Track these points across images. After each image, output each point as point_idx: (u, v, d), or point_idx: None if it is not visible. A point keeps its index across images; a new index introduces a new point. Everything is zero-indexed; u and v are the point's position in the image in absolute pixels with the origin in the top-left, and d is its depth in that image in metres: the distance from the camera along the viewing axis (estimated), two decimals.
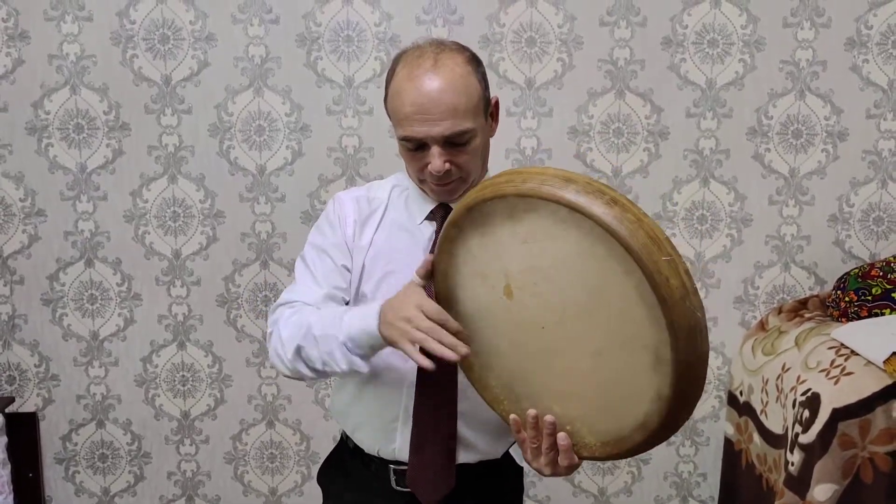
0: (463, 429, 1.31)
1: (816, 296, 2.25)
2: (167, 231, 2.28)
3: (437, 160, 1.18)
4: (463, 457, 1.33)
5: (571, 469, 1.12)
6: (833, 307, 2.12)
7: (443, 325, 1.07)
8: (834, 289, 2.13)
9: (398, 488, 1.35)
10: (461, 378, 1.26)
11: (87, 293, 2.30)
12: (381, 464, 1.35)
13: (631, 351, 0.98)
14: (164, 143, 2.23)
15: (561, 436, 1.09)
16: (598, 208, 0.93)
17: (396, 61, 1.23)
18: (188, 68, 2.19)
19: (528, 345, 1.09)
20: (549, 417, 1.09)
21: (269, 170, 2.25)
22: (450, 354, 1.06)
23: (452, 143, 1.18)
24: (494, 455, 1.37)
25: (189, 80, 2.20)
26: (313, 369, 1.22)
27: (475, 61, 1.23)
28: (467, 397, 1.28)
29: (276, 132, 2.23)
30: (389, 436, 1.32)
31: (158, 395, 2.37)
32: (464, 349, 1.06)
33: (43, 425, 2.37)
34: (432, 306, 1.08)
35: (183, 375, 2.36)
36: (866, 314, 2.02)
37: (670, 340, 0.93)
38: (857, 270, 2.10)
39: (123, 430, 2.39)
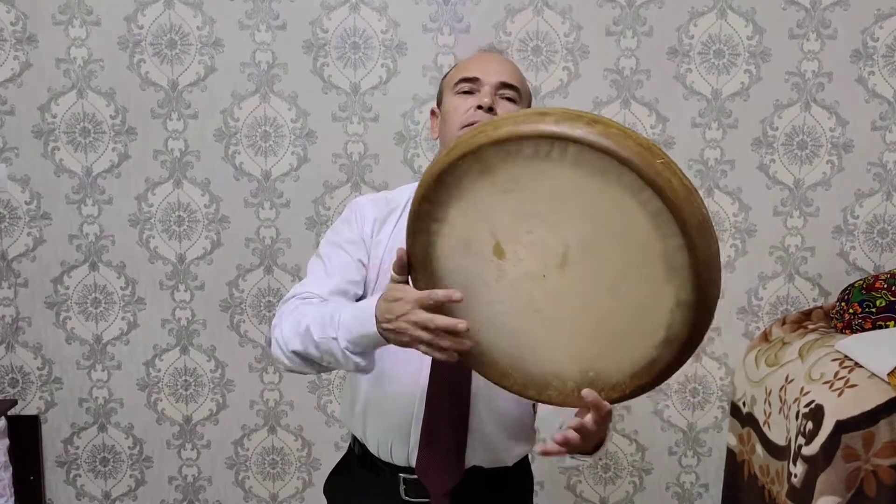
0: (477, 430, 1.31)
1: (820, 307, 2.25)
2: (172, 235, 2.28)
3: (487, 94, 1.27)
4: (473, 458, 1.32)
5: (608, 419, 1.08)
6: (837, 319, 2.11)
7: (440, 306, 1.03)
8: (838, 300, 2.13)
9: (407, 498, 1.34)
10: (476, 382, 1.25)
11: (90, 296, 2.31)
12: (390, 472, 1.35)
13: (644, 269, 0.95)
14: (170, 147, 2.23)
15: (585, 392, 1.03)
16: (581, 130, 0.90)
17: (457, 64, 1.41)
18: (195, 73, 2.20)
19: (530, 301, 1.03)
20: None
21: (274, 175, 2.25)
22: (461, 344, 1.03)
23: (502, 94, 1.28)
24: (505, 462, 1.36)
25: (195, 86, 2.20)
26: (317, 368, 1.22)
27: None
28: (483, 401, 1.28)
29: (281, 138, 2.23)
30: (404, 436, 1.31)
31: (160, 400, 2.37)
32: (462, 325, 1.02)
33: (45, 428, 2.37)
34: (424, 295, 1.03)
35: (185, 380, 2.36)
36: (870, 326, 2.02)
37: (685, 241, 0.90)
38: (861, 282, 2.09)
39: (125, 433, 2.39)
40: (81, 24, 2.17)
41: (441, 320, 1.02)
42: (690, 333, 0.97)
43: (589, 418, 1.05)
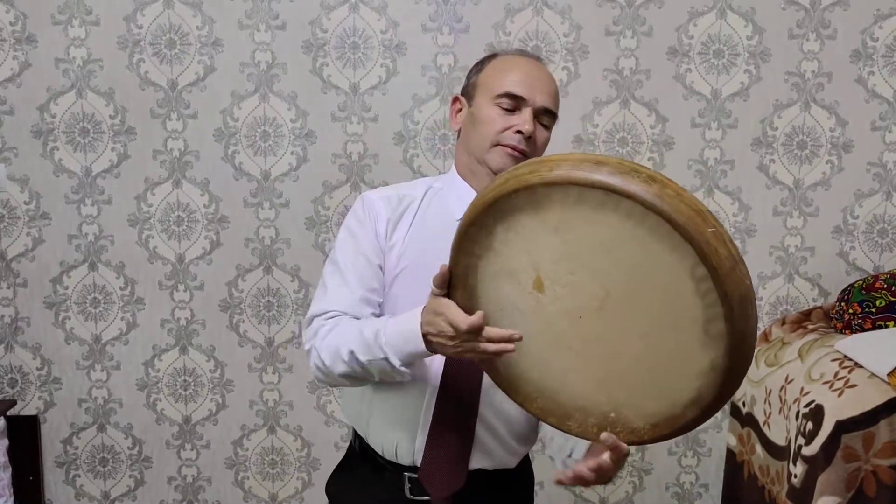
0: (482, 434, 1.30)
1: (820, 307, 2.25)
2: (171, 235, 2.28)
3: (529, 121, 1.26)
4: (478, 462, 1.32)
5: (624, 460, 1.10)
6: (837, 319, 2.11)
7: (480, 332, 1.06)
8: (838, 300, 2.13)
9: (412, 497, 1.33)
10: (484, 381, 1.25)
11: (90, 297, 2.30)
12: (394, 471, 1.34)
13: (679, 328, 0.96)
14: (170, 147, 2.23)
15: (604, 436, 1.06)
16: (636, 187, 0.90)
17: (495, 54, 1.37)
18: (194, 73, 2.19)
19: (563, 337, 1.05)
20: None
21: (273, 175, 2.25)
22: (507, 348, 1.06)
23: (540, 119, 1.28)
24: (509, 464, 1.36)
25: (195, 86, 2.20)
26: (360, 382, 1.28)
27: None
28: (488, 403, 1.28)
29: (281, 138, 2.23)
30: (411, 435, 1.31)
31: (160, 400, 2.37)
32: (515, 335, 1.05)
33: (44, 428, 2.37)
34: (464, 320, 1.06)
35: (185, 380, 2.36)
36: (870, 326, 2.02)
37: (724, 311, 0.91)
38: (861, 282, 2.09)
39: (124, 434, 2.39)
40: (81, 24, 2.17)
41: (492, 348, 1.06)
42: (716, 397, 0.99)
43: (606, 457, 1.08)
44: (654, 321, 0.98)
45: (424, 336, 1.12)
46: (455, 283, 1.11)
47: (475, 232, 1.05)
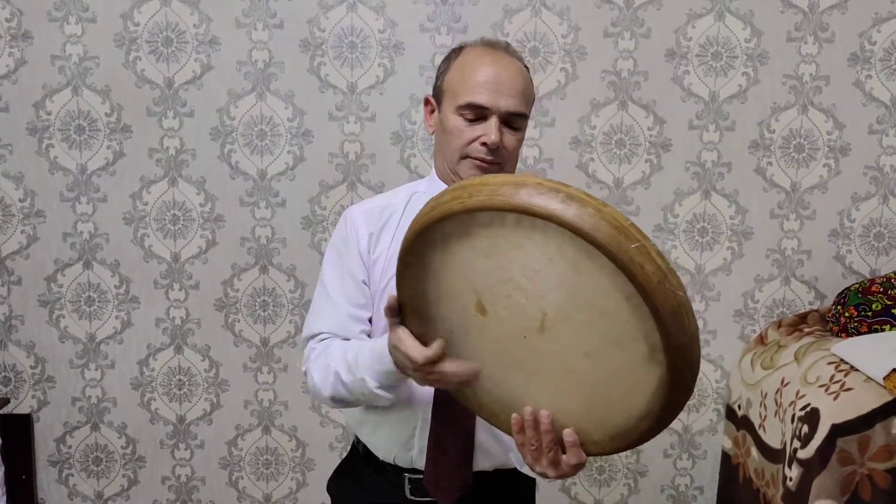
0: (480, 435, 1.30)
1: (816, 310, 2.25)
2: (166, 234, 2.27)
3: (494, 132, 1.21)
4: (479, 463, 1.32)
5: (579, 468, 1.09)
6: (833, 322, 2.11)
7: (433, 363, 1.08)
8: (834, 304, 2.13)
9: (413, 498, 1.34)
10: None
11: (84, 295, 2.29)
12: (395, 472, 1.34)
13: (621, 345, 0.95)
14: (166, 145, 2.22)
15: (567, 432, 1.06)
16: (555, 207, 0.89)
17: (461, 46, 1.30)
18: (191, 71, 2.19)
19: (513, 357, 1.06)
20: (544, 412, 1.06)
21: (270, 174, 2.24)
22: (468, 379, 1.09)
23: (508, 124, 1.23)
24: (509, 463, 1.36)
25: (192, 84, 2.19)
26: (353, 405, 1.30)
27: (528, 70, 1.31)
28: None
29: (277, 137, 2.23)
30: (407, 443, 1.31)
31: (154, 399, 2.36)
32: (475, 368, 1.08)
33: (37, 427, 2.36)
34: (420, 353, 1.08)
35: (179, 379, 2.35)
36: (866, 330, 2.02)
37: (657, 326, 0.90)
38: (857, 286, 2.09)
39: (118, 433, 2.38)
40: (77, 21, 2.16)
41: (458, 379, 1.09)
42: (667, 408, 0.98)
43: (566, 457, 1.07)
44: (595, 339, 0.98)
45: (397, 364, 1.14)
46: (406, 309, 1.12)
47: (413, 260, 1.06)
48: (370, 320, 1.33)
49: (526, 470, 1.18)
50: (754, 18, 2.18)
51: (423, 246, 1.03)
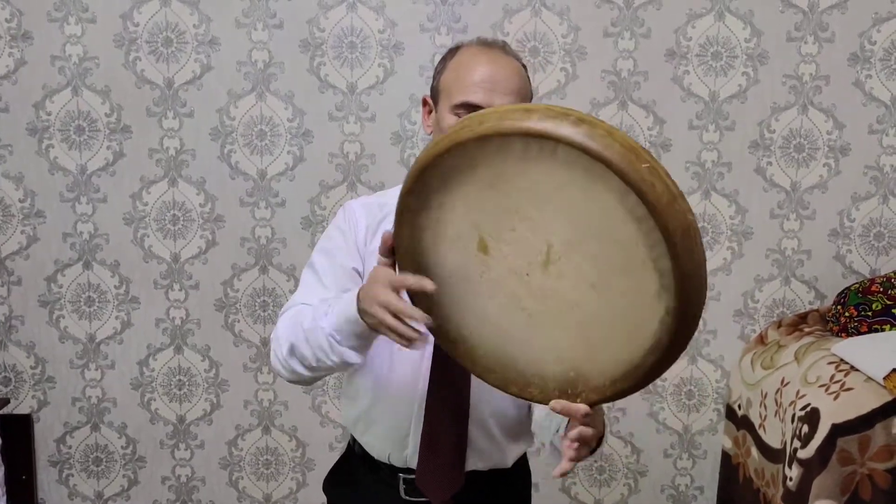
0: (474, 435, 1.30)
1: (816, 310, 2.25)
2: (166, 234, 2.27)
3: None
4: (473, 463, 1.32)
5: (588, 418, 1.04)
6: (833, 322, 2.11)
7: (413, 289, 1.04)
8: (834, 304, 2.13)
9: (407, 497, 1.34)
10: (473, 382, 1.25)
11: (84, 295, 2.29)
12: (390, 471, 1.35)
13: (628, 272, 0.93)
14: (165, 146, 2.22)
15: (552, 403, 1.02)
16: (566, 129, 0.88)
17: (457, 46, 1.29)
18: (191, 72, 2.19)
19: (514, 299, 1.02)
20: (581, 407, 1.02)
21: (269, 175, 2.24)
22: (419, 321, 1.03)
23: None
24: (504, 464, 1.36)
25: (191, 84, 2.19)
26: (309, 367, 1.20)
27: (526, 69, 1.30)
28: (480, 404, 1.28)
29: (277, 137, 2.22)
30: (401, 442, 1.31)
31: (154, 399, 2.36)
32: (419, 316, 1.02)
33: (37, 427, 2.36)
34: (397, 279, 1.05)
35: (179, 379, 2.35)
36: (866, 330, 2.02)
37: (667, 248, 0.88)
38: (857, 286, 2.09)
39: (118, 433, 2.38)
40: (77, 22, 2.16)
41: (403, 306, 1.02)
42: (673, 340, 0.96)
43: (579, 426, 1.04)
44: (601, 268, 0.95)
45: (359, 301, 1.08)
46: (402, 257, 1.08)
47: (414, 201, 1.03)
48: None
49: (560, 467, 1.12)
50: (754, 18, 2.18)
51: (425, 184, 1.01)
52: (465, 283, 1.05)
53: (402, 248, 1.08)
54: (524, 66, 1.29)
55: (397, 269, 1.09)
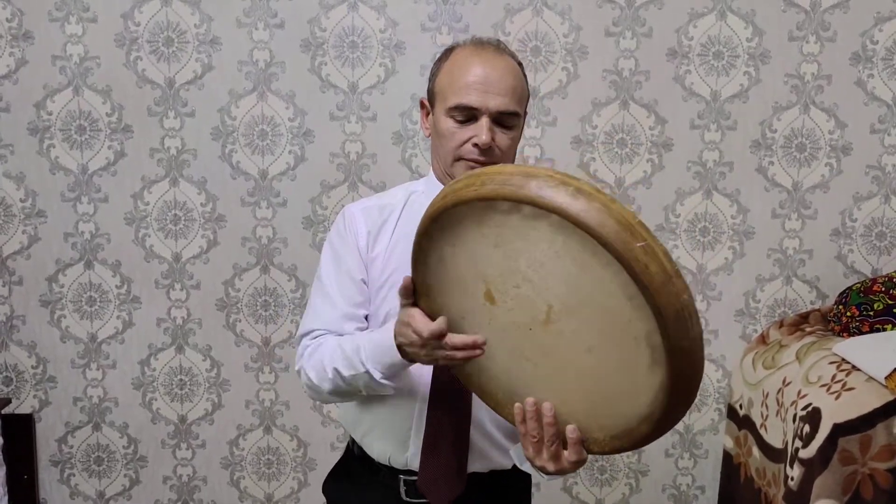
0: (475, 437, 1.30)
1: (818, 310, 2.24)
2: (168, 234, 2.27)
3: (485, 132, 1.20)
4: (474, 466, 1.32)
5: (578, 465, 1.09)
6: (834, 322, 2.11)
7: (443, 338, 1.08)
8: (835, 303, 2.13)
9: (407, 499, 1.34)
10: None
11: (85, 295, 2.29)
12: (390, 473, 1.34)
13: (623, 344, 0.94)
14: (167, 145, 2.22)
15: (570, 428, 1.05)
16: (562, 200, 0.89)
17: (451, 48, 1.30)
18: (192, 71, 2.18)
19: (519, 347, 1.06)
20: (547, 404, 1.06)
21: (271, 174, 2.24)
22: (474, 353, 1.08)
23: (500, 123, 1.22)
24: (504, 466, 1.36)
25: (192, 84, 2.19)
26: (356, 396, 1.30)
27: (523, 68, 1.30)
28: (481, 406, 1.28)
29: (278, 137, 2.22)
30: (402, 444, 1.31)
31: (155, 399, 2.36)
32: (479, 340, 1.07)
33: (39, 427, 2.36)
34: (426, 327, 1.09)
35: (181, 379, 2.35)
36: (868, 329, 2.02)
37: (659, 328, 0.89)
38: (859, 285, 2.09)
39: (120, 433, 2.38)
40: (78, 21, 2.15)
41: (458, 340, 1.08)
42: (666, 414, 0.97)
43: (567, 453, 1.08)
44: (597, 335, 0.97)
45: (399, 347, 1.14)
46: (419, 292, 1.13)
47: (427, 243, 1.06)
48: (366, 318, 1.33)
49: (527, 466, 1.17)
50: (756, 18, 2.18)
51: (436, 231, 1.04)
52: (476, 325, 1.09)
53: (420, 287, 1.12)
54: (520, 64, 1.29)
55: (419, 307, 1.14)
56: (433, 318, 1.10)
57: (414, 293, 1.13)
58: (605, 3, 2.17)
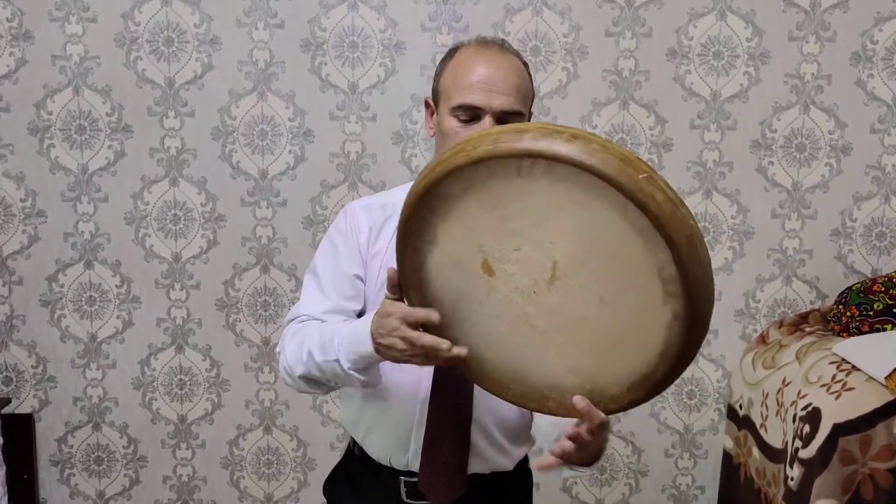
0: (476, 438, 1.30)
1: (818, 310, 2.24)
2: (167, 234, 2.27)
3: None
4: (474, 467, 1.32)
5: (603, 430, 1.06)
6: (834, 322, 2.11)
7: (428, 325, 1.05)
8: (835, 303, 2.13)
9: (408, 500, 1.34)
10: (476, 387, 1.25)
11: (85, 295, 2.29)
12: (390, 474, 1.34)
13: (635, 284, 0.94)
14: (167, 145, 2.22)
15: (576, 399, 1.03)
16: (560, 147, 0.88)
17: (456, 47, 1.29)
18: (192, 71, 2.18)
19: (523, 316, 1.03)
20: (577, 398, 1.02)
21: (271, 174, 2.24)
22: (456, 355, 1.05)
23: (503, 122, 1.20)
24: (505, 467, 1.36)
25: (192, 84, 2.19)
26: (325, 389, 1.26)
27: (528, 67, 1.29)
28: (482, 407, 1.28)
29: (278, 137, 2.22)
30: (403, 444, 1.31)
31: (155, 399, 2.36)
32: (462, 350, 1.04)
33: (39, 427, 2.36)
34: (408, 314, 1.06)
35: (180, 379, 2.35)
36: (868, 329, 2.02)
37: (673, 256, 0.89)
38: (858, 285, 2.09)
39: (119, 433, 2.38)
40: (78, 21, 2.15)
41: (425, 339, 1.03)
42: (685, 346, 0.96)
43: (584, 428, 1.05)
44: (607, 282, 0.96)
45: (374, 340, 1.10)
46: (407, 285, 1.09)
47: (415, 227, 1.03)
48: (360, 315, 1.31)
49: (543, 458, 1.14)
50: (756, 18, 2.18)
51: (425, 210, 1.01)
52: (472, 304, 1.06)
53: (407, 277, 1.08)
54: (525, 63, 1.29)
55: (406, 300, 1.10)
56: None
57: (400, 287, 1.10)
58: (605, 2, 2.17)
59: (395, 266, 1.09)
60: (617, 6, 2.17)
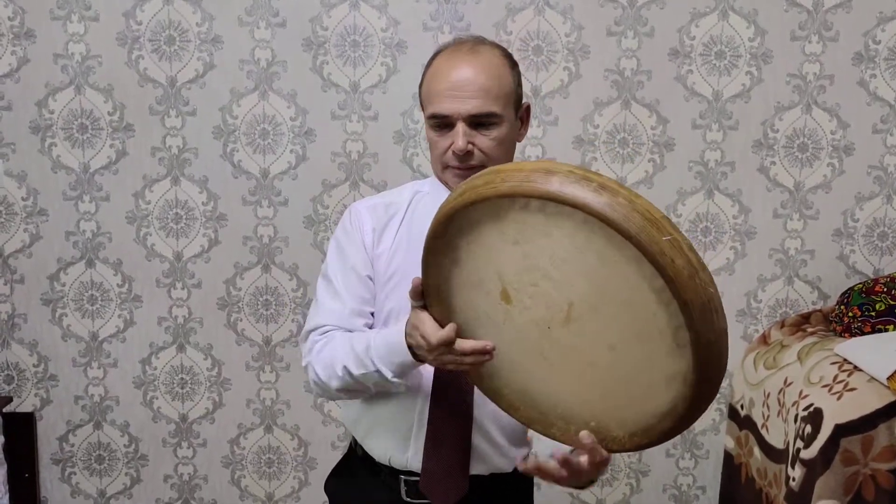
0: (476, 439, 1.30)
1: (819, 310, 2.24)
2: (169, 233, 2.27)
3: (460, 138, 1.19)
4: (475, 468, 1.32)
5: (603, 465, 1.10)
6: (836, 322, 2.11)
7: (451, 344, 1.09)
8: (837, 304, 2.12)
9: (408, 500, 1.34)
10: (477, 391, 1.26)
11: (87, 294, 2.29)
12: (391, 473, 1.34)
13: (647, 339, 0.94)
14: (168, 144, 2.22)
15: (583, 434, 1.05)
16: (587, 196, 0.89)
17: (435, 53, 1.28)
18: (193, 70, 2.18)
19: (535, 348, 1.05)
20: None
21: (272, 173, 2.24)
22: (482, 359, 1.09)
23: (478, 125, 1.21)
24: (505, 468, 1.36)
25: (194, 83, 2.19)
26: (365, 394, 1.31)
27: (511, 60, 1.28)
28: (482, 408, 1.28)
29: (280, 136, 2.22)
30: (403, 444, 1.31)
31: (157, 398, 2.36)
32: (488, 346, 1.08)
33: (40, 426, 2.36)
34: (435, 334, 1.09)
35: (182, 378, 2.35)
36: (870, 330, 2.02)
37: (685, 321, 0.89)
38: (860, 286, 2.09)
39: (121, 431, 2.38)
40: (80, 20, 2.15)
41: (468, 345, 1.09)
42: (690, 408, 0.97)
43: (584, 459, 1.08)
44: (620, 332, 0.97)
45: (409, 347, 1.15)
46: (429, 294, 1.12)
47: (440, 244, 1.05)
48: (372, 314, 1.33)
49: (530, 461, 1.17)
50: (758, 17, 2.17)
51: (451, 230, 1.03)
52: (490, 326, 1.08)
53: (430, 289, 1.11)
54: (508, 55, 1.28)
55: (428, 309, 1.14)
56: (444, 323, 1.10)
57: (423, 295, 1.13)
58: (607, 2, 2.16)
59: (412, 271, 1.13)
60: (619, 6, 2.17)
